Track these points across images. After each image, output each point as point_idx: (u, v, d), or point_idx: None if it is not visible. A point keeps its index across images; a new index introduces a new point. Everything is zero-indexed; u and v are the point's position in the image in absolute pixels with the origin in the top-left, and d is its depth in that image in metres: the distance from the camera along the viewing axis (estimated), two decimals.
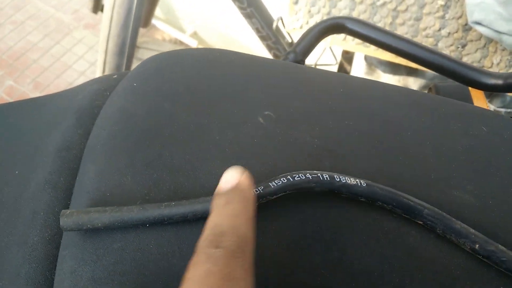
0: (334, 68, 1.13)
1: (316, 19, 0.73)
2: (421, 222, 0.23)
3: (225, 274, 0.18)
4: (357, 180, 0.24)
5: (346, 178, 0.24)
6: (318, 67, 1.01)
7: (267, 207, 0.24)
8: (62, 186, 0.28)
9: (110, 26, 0.94)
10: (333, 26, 0.41)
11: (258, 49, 1.57)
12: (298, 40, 0.42)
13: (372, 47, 0.70)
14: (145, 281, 0.23)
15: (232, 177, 0.22)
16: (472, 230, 0.23)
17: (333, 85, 0.31)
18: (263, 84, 0.30)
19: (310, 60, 1.09)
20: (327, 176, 0.24)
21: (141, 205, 0.23)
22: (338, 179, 0.24)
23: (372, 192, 0.24)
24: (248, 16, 0.97)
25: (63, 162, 0.29)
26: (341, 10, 0.70)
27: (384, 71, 0.82)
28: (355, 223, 0.24)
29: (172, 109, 0.28)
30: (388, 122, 0.28)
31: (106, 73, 0.97)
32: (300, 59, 0.41)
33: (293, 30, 0.76)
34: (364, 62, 0.84)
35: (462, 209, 0.25)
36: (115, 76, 0.35)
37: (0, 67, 1.59)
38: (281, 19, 0.96)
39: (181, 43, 1.74)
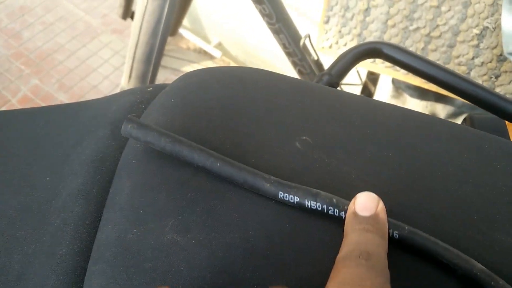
0: (359, 88, 1.12)
1: (346, 39, 0.73)
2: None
3: (378, 284, 0.18)
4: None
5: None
6: (343, 86, 1.01)
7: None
8: (94, 198, 0.28)
9: (139, 34, 0.95)
10: (370, 51, 0.41)
11: (281, 63, 1.57)
12: (334, 63, 0.42)
13: (402, 71, 0.69)
14: None
15: (370, 204, 0.22)
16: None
17: (372, 113, 0.30)
18: (300, 107, 0.29)
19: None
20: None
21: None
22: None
23: (411, 239, 0.22)
24: (276, 32, 0.97)
25: (96, 173, 0.29)
26: (372, 32, 0.70)
27: (412, 96, 0.81)
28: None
29: (208, 128, 0.27)
30: (429, 156, 0.27)
31: (133, 79, 0.98)
32: (334, 82, 0.41)
33: (322, 50, 0.76)
34: (391, 85, 0.84)
35: (505, 254, 0.24)
36: (150, 88, 0.35)
37: (27, 66, 1.62)
38: (309, 37, 0.96)
39: (205, 53, 1.75)
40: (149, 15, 0.93)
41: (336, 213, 0.23)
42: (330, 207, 0.23)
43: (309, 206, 0.23)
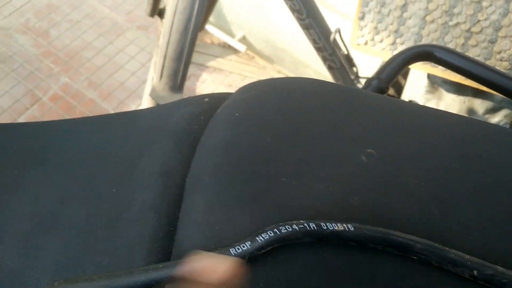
0: None
1: (383, 36, 0.72)
2: (415, 257, 0.23)
3: None
4: (344, 225, 0.23)
5: (333, 224, 0.23)
6: None
7: (256, 260, 0.23)
8: (165, 212, 0.29)
9: (170, 32, 0.96)
10: (421, 54, 0.41)
11: (306, 56, 1.56)
12: (383, 67, 0.41)
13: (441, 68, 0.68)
14: None
15: None
16: (468, 257, 0.22)
17: (434, 123, 0.30)
18: (362, 119, 0.30)
19: (368, 73, 1.07)
20: (313, 225, 0.23)
21: (129, 269, 0.23)
22: (325, 227, 0.23)
23: (361, 235, 0.23)
24: (306, 27, 0.97)
25: (165, 187, 0.30)
26: (410, 28, 0.69)
27: (448, 91, 0.80)
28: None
29: (275, 143, 0.28)
30: (497, 168, 0.27)
31: (164, 78, 1.00)
32: (384, 86, 0.41)
33: (357, 47, 0.75)
34: (426, 80, 0.83)
35: None
36: (206, 99, 0.36)
37: (57, 64, 1.65)
38: (339, 31, 0.95)
39: (229, 47, 1.76)
40: (180, 13, 0.94)
41: None
42: None
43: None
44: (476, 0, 0.62)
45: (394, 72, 0.41)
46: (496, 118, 0.79)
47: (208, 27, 1.75)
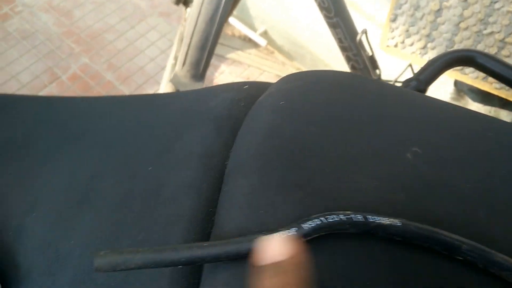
0: None
1: (414, 39, 0.71)
2: (461, 258, 0.23)
3: None
4: (391, 219, 0.23)
5: (380, 218, 0.23)
6: (397, 83, 0.99)
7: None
8: (205, 193, 0.29)
9: (196, 21, 0.96)
10: (462, 58, 0.40)
11: (327, 53, 1.56)
12: (422, 68, 0.41)
13: (470, 76, 0.68)
14: None
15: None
16: None
17: (480, 126, 0.30)
18: (407, 117, 0.30)
19: (390, 76, 1.07)
20: (360, 216, 0.23)
21: (173, 245, 0.23)
22: (372, 219, 0.23)
23: (407, 231, 0.23)
24: (333, 26, 0.97)
25: (205, 168, 0.30)
26: (443, 33, 0.68)
27: (474, 99, 0.79)
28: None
29: (319, 133, 0.28)
30: None
31: (187, 66, 1.00)
32: (422, 88, 0.41)
33: (387, 48, 0.75)
34: (453, 87, 0.82)
35: None
36: (246, 86, 0.36)
37: (78, 44, 1.66)
38: (366, 33, 0.95)
39: (249, 40, 1.75)
40: (208, 2, 0.94)
41: None
42: None
43: None
44: None
45: (433, 75, 0.40)
46: None
47: (230, 19, 1.75)
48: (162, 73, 1.62)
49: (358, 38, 0.95)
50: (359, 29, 0.98)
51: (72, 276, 0.30)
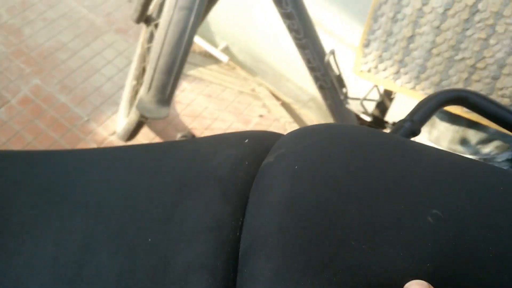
0: (374, 104, 1.12)
1: (387, 65, 0.72)
2: None
3: None
4: None
5: None
6: (364, 102, 1.01)
7: None
8: (220, 272, 0.27)
9: (163, 44, 0.92)
10: (454, 98, 0.40)
11: (289, 69, 1.56)
12: (415, 109, 0.41)
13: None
14: None
15: None
16: None
17: (492, 180, 0.30)
18: (422, 175, 0.29)
19: (357, 94, 1.08)
20: None
21: None
22: None
23: None
24: (302, 47, 0.97)
25: (217, 243, 0.27)
26: (415, 59, 0.69)
27: (442, 119, 0.81)
28: None
29: (340, 201, 0.26)
30: None
31: (152, 90, 0.96)
32: (416, 128, 0.40)
33: (360, 73, 0.75)
34: None
35: None
36: (247, 140, 0.34)
37: (28, 65, 1.57)
38: (333, 53, 0.95)
39: (210, 56, 1.73)
40: (174, 25, 0.91)
41: None
42: None
43: None
44: (484, 38, 0.63)
45: (427, 115, 0.40)
46: (488, 149, 0.81)
47: None
48: (121, 93, 1.56)
49: (326, 58, 0.95)
50: (327, 49, 0.98)
51: None
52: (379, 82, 0.74)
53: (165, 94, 0.98)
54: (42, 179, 0.35)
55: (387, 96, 1.11)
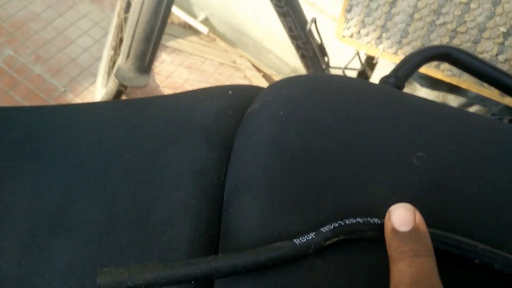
0: (355, 73, 1.13)
1: (369, 30, 0.72)
2: (477, 261, 0.23)
3: None
4: None
5: None
6: (345, 70, 1.01)
7: (319, 257, 0.23)
8: (204, 214, 0.26)
9: (140, 12, 0.90)
10: (437, 55, 0.41)
11: (269, 41, 1.55)
12: (399, 65, 0.41)
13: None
14: None
15: (408, 217, 0.22)
16: None
17: (475, 126, 0.30)
18: (406, 120, 0.29)
19: (338, 63, 1.08)
20: (377, 220, 0.23)
21: (186, 260, 0.22)
22: None
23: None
24: (283, 15, 0.95)
25: (201, 187, 0.27)
26: (397, 24, 0.69)
27: (422, 85, 0.82)
28: None
29: (326, 144, 0.27)
30: None
31: (131, 59, 0.93)
32: (400, 84, 0.40)
33: (342, 39, 0.75)
34: None
35: None
36: (230, 92, 0.33)
37: None
38: (315, 22, 0.94)
39: (190, 27, 1.69)
40: None
41: None
42: None
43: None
44: (465, 2, 0.63)
45: (410, 71, 0.40)
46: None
47: None
48: (98, 64, 1.52)
49: (308, 27, 0.94)
50: (308, 18, 0.97)
51: None
52: (361, 47, 0.74)
53: (144, 63, 0.95)
54: (18, 134, 0.34)
55: (368, 65, 1.11)
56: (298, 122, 0.27)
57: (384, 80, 0.41)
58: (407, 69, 0.40)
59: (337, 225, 0.23)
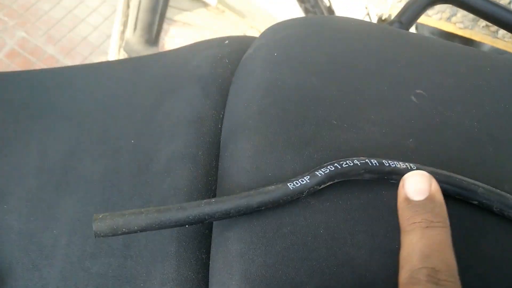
0: None
1: None
2: (476, 202, 0.22)
3: None
4: (407, 164, 0.22)
5: (395, 163, 0.22)
6: None
7: (314, 196, 0.23)
8: (202, 161, 0.27)
9: None
10: None
11: (281, 11, 1.52)
12: (403, 9, 0.40)
13: (435, 17, 0.67)
14: (318, 266, 0.22)
15: (423, 185, 0.21)
16: None
17: (477, 62, 0.29)
18: (407, 59, 0.28)
19: None
20: (375, 162, 0.22)
21: (180, 204, 0.22)
22: (388, 164, 0.22)
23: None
24: None
25: (198, 135, 0.27)
26: None
27: None
28: None
29: (321, 83, 0.26)
30: None
31: (138, 31, 0.93)
32: (405, 29, 0.39)
33: None
34: (414, 30, 0.82)
35: None
36: (227, 41, 0.33)
37: (11, 17, 1.52)
38: None
39: (198, 0, 1.67)
40: None
41: None
42: None
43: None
44: None
45: (415, 15, 0.39)
46: None
47: None
48: (108, 41, 1.52)
49: None
50: None
51: (61, 268, 0.27)
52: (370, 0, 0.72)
53: (152, 34, 0.95)
54: (22, 96, 0.35)
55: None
56: (292, 63, 0.27)
57: (388, 25, 0.40)
58: (411, 14, 0.39)
59: (332, 168, 0.22)
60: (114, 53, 1.37)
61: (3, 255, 0.28)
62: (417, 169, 0.22)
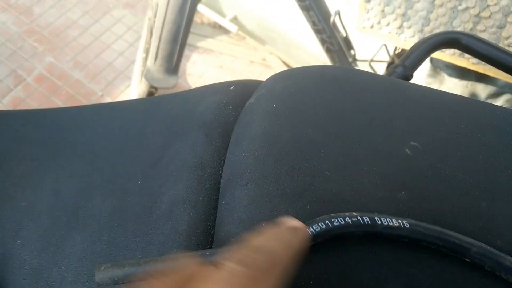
0: (384, 66, 1.11)
1: (389, 19, 0.71)
2: (468, 260, 0.22)
3: None
4: (400, 220, 0.23)
5: (387, 219, 0.23)
6: (372, 63, 0.99)
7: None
8: (202, 206, 0.28)
9: (166, 13, 0.93)
10: (447, 41, 0.40)
11: (299, 36, 1.54)
12: (407, 53, 0.41)
13: (447, 52, 0.68)
14: None
15: None
16: None
17: (474, 114, 0.29)
18: (402, 110, 0.29)
19: (364, 56, 1.06)
20: (367, 219, 0.23)
21: (175, 254, 0.23)
22: (379, 222, 0.23)
23: (416, 232, 0.23)
24: (306, 9, 0.95)
25: (199, 180, 0.29)
26: (418, 12, 0.68)
27: (450, 75, 0.80)
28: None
29: (317, 136, 0.27)
30: None
31: (159, 60, 0.97)
32: (408, 74, 0.40)
33: (363, 30, 0.74)
34: (429, 64, 0.82)
35: None
36: (232, 87, 0.34)
37: (40, 43, 1.59)
38: (339, 14, 0.94)
39: (220, 27, 1.72)
40: None
41: None
42: None
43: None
44: None
45: (419, 59, 0.40)
46: (498, 103, 0.79)
47: (198, 6, 1.71)
48: (132, 67, 1.57)
49: (331, 19, 0.94)
50: (332, 10, 0.97)
51: None
52: (382, 37, 0.73)
53: (172, 63, 0.98)
54: (40, 135, 0.37)
55: (397, 57, 1.09)
56: (290, 114, 0.28)
57: (391, 69, 0.40)
58: (415, 58, 0.40)
59: (324, 226, 0.22)
60: (136, 79, 1.41)
61: None
62: (410, 225, 0.23)
